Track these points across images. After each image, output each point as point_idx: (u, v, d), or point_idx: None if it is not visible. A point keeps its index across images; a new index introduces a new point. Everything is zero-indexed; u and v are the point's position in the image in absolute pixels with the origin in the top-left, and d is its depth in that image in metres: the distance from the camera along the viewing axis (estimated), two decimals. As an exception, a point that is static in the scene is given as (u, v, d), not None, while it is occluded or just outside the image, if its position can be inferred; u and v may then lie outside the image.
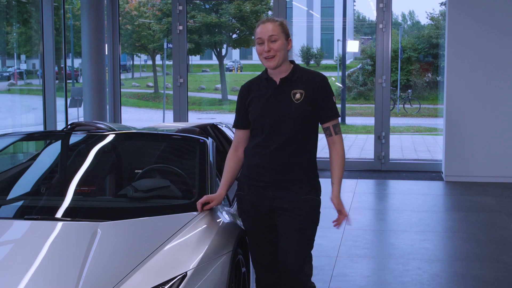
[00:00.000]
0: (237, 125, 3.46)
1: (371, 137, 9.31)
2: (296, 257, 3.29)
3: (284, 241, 3.30)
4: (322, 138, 3.45)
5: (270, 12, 17.77)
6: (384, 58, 9.16)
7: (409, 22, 24.81)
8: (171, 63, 10.05)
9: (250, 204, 3.38)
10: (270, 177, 3.31)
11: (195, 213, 3.41)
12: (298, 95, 3.29)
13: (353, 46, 19.74)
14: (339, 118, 3.39)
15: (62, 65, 10.49)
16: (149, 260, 2.95)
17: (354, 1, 22.09)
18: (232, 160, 3.46)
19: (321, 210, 3.38)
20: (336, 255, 5.31)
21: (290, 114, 3.27)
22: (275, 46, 3.26)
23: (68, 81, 12.02)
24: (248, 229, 3.43)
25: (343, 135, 3.50)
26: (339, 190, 3.35)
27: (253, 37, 18.36)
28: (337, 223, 3.36)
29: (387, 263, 5.18)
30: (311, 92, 3.29)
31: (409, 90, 17.76)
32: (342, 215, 3.33)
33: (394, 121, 14.74)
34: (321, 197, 3.40)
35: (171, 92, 9.90)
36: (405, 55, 18.03)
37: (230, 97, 20.15)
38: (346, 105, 17.33)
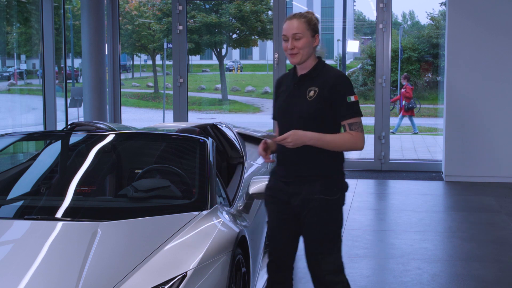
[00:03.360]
0: (273, 116, 3.50)
1: (371, 137, 9.30)
2: (314, 255, 3.33)
3: (304, 238, 3.36)
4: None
5: (270, 12, 17.77)
6: (384, 58, 9.15)
7: (409, 22, 24.85)
8: (171, 63, 10.05)
9: (270, 196, 3.44)
10: (286, 172, 3.34)
11: (195, 213, 3.41)
12: (311, 93, 3.28)
13: (353, 46, 19.76)
14: (361, 118, 3.27)
15: (62, 65, 10.50)
16: (149, 260, 2.95)
17: (354, 1, 22.12)
18: None
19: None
20: (336, 255, 5.31)
21: (301, 111, 3.26)
22: (298, 44, 3.26)
23: (68, 81, 12.02)
24: (269, 220, 3.48)
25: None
26: (309, 134, 3.19)
27: (252, 37, 18.42)
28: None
29: (387, 263, 5.18)
30: (324, 90, 3.25)
31: (409, 90, 17.75)
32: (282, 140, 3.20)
33: (394, 121, 14.74)
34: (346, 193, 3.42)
35: (171, 92, 9.90)
36: (405, 55, 18.02)
37: (230, 97, 20.14)
38: (346, 105, 17.28)
